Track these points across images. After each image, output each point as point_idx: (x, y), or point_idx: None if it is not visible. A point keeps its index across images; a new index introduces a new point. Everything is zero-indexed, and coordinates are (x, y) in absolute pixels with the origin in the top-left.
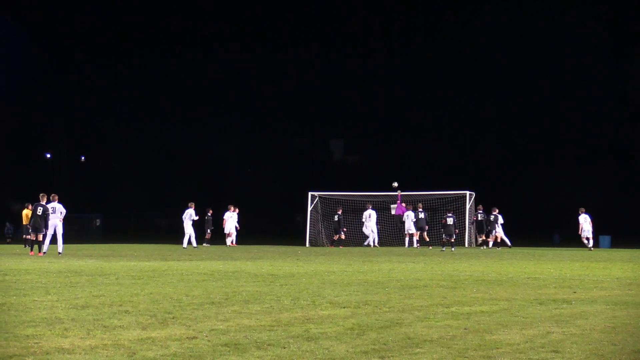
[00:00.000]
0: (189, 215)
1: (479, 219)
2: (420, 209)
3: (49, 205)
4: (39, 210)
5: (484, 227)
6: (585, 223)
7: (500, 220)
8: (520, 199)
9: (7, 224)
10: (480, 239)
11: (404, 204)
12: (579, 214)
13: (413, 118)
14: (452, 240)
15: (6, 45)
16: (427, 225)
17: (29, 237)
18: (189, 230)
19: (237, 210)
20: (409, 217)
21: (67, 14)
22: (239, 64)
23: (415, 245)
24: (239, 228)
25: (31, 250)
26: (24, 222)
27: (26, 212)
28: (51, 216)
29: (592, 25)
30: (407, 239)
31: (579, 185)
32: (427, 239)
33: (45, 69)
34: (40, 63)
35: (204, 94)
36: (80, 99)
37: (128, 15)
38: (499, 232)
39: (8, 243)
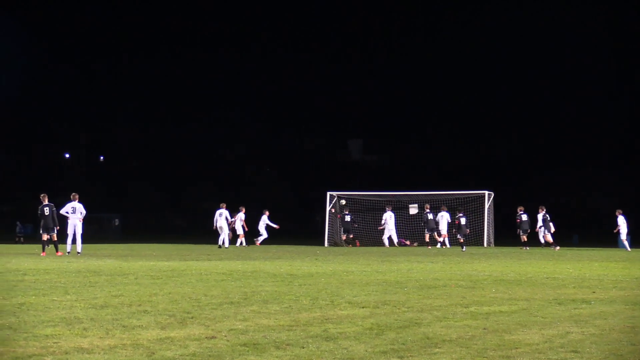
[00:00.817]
0: (224, 215)
1: (524, 219)
2: (428, 210)
3: (69, 205)
4: (46, 210)
5: (528, 228)
6: (623, 225)
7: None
8: (540, 199)
9: (18, 223)
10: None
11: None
12: (617, 216)
13: (432, 118)
14: (462, 240)
15: (23, 45)
16: (436, 225)
17: (50, 236)
18: (225, 229)
19: (243, 210)
20: (444, 218)
21: (84, 12)
22: (259, 64)
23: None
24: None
25: (43, 250)
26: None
27: None
28: (71, 216)
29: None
30: (441, 239)
31: (598, 186)
32: (440, 239)
33: (63, 69)
34: (59, 63)
35: (223, 94)
36: (99, 99)
37: (147, 12)
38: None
39: (18, 242)
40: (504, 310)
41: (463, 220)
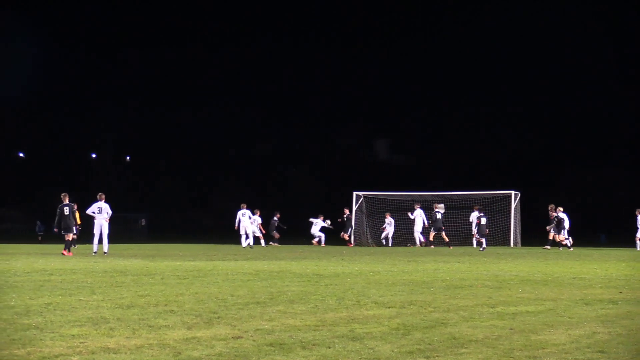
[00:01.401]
0: (247, 215)
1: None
2: (437, 209)
3: (96, 205)
4: (66, 210)
5: (561, 227)
6: None
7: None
8: (567, 199)
9: (38, 222)
10: (559, 239)
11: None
12: (637, 215)
13: (459, 117)
14: (481, 240)
15: (49, 45)
16: (444, 225)
17: (74, 236)
18: (250, 229)
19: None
20: (485, 218)
21: (109, 11)
22: (286, 62)
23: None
24: (264, 232)
25: (69, 251)
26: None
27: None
28: (98, 216)
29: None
30: (475, 240)
31: (626, 185)
32: (447, 239)
33: (90, 69)
34: (86, 62)
35: (250, 93)
36: (126, 98)
37: (172, 11)
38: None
39: (39, 242)
40: (531, 310)
41: (483, 220)
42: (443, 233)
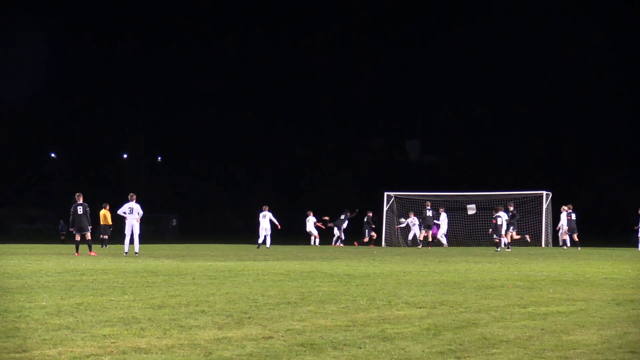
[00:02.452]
0: (267, 217)
1: (573, 218)
2: (429, 207)
3: (127, 205)
4: (79, 209)
5: (575, 227)
6: None
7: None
8: (597, 198)
9: (61, 222)
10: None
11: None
12: None
13: (490, 117)
14: (497, 240)
15: (82, 46)
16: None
17: (105, 237)
18: (269, 230)
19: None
20: (502, 218)
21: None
22: (319, 63)
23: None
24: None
25: (76, 250)
26: (102, 222)
27: (104, 213)
28: (129, 216)
29: None
30: (503, 239)
31: None
32: (430, 239)
33: (122, 68)
34: (118, 63)
35: (283, 94)
36: (156, 98)
37: (200, 9)
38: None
39: (62, 241)
40: (562, 310)
41: (499, 220)
42: (430, 232)
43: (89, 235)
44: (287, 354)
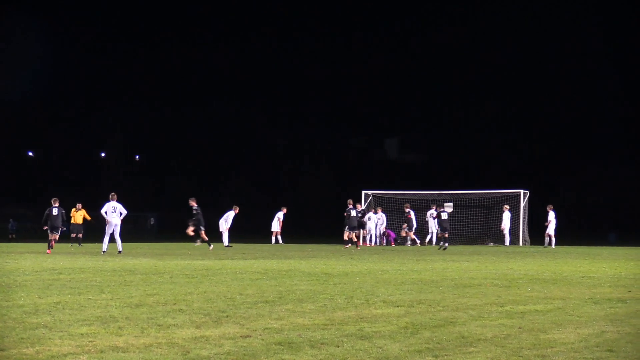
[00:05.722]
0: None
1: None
2: (360, 208)
3: (109, 205)
4: (54, 211)
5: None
6: None
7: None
8: (575, 197)
9: (11, 220)
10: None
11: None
12: None
13: (468, 116)
14: (446, 235)
15: (56, 44)
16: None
17: (79, 235)
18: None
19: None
20: (508, 217)
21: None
22: (295, 59)
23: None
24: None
25: (48, 248)
26: (72, 222)
27: (75, 212)
28: (111, 215)
29: None
30: (507, 237)
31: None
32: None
33: (97, 66)
34: (95, 60)
35: (259, 91)
36: (134, 97)
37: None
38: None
39: (11, 239)
40: (540, 309)
41: (444, 215)
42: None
43: (57, 237)
44: (265, 353)
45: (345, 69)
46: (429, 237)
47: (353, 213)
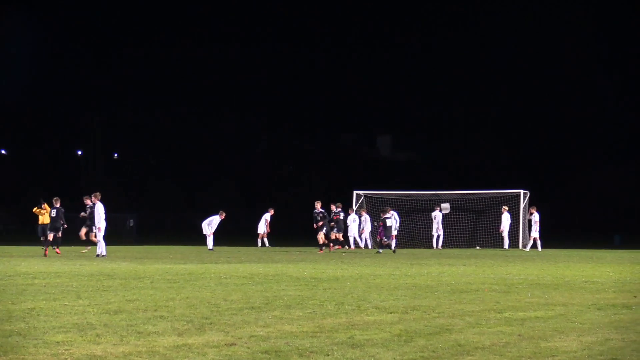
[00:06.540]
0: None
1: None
2: (339, 209)
3: (101, 206)
4: (53, 212)
5: (339, 227)
6: None
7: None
8: (580, 199)
9: None
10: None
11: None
12: None
13: (464, 113)
14: (389, 242)
15: (35, 39)
16: (344, 226)
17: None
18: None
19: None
20: (507, 219)
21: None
22: (284, 58)
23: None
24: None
25: (50, 248)
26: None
27: (38, 210)
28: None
29: None
30: (506, 240)
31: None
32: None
33: (76, 64)
34: (72, 58)
35: (246, 89)
36: (113, 94)
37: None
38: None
39: None
40: (540, 315)
41: (389, 222)
42: (340, 234)
43: (59, 234)
44: None
45: (334, 63)
46: (434, 239)
47: (341, 216)
